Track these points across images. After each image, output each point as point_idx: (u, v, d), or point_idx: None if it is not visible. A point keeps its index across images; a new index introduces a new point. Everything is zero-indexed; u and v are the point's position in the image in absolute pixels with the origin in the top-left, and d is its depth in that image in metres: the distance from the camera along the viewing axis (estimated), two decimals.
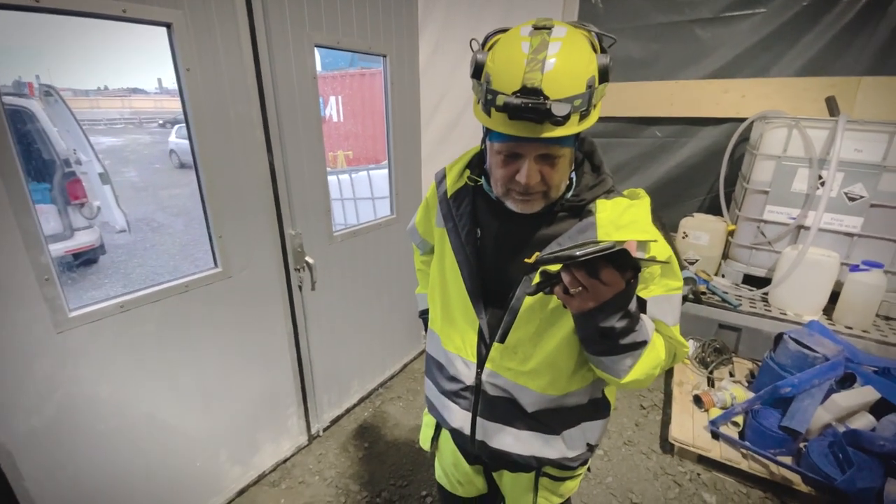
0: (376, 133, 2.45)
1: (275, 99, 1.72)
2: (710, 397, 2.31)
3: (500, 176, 0.81)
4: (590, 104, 0.73)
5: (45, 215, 3.75)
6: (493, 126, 0.76)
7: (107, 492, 1.50)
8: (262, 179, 1.76)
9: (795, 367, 2.08)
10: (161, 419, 1.61)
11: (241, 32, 1.56)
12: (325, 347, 2.22)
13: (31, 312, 1.24)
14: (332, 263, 2.14)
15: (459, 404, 1.02)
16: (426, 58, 2.49)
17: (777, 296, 2.74)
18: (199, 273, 1.65)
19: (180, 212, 6.01)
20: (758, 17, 2.99)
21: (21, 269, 1.20)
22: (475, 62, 0.76)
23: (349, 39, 1.97)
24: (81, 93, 16.64)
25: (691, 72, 3.28)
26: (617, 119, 3.62)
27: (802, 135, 2.61)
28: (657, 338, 0.83)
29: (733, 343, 2.81)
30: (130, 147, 11.55)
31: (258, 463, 2.03)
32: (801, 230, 2.73)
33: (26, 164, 3.73)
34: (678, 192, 3.56)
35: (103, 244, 4.30)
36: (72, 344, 1.33)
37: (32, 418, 1.28)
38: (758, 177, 2.86)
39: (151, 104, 18.19)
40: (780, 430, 1.96)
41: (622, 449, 2.27)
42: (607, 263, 0.65)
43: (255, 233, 1.78)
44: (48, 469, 1.33)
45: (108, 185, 4.06)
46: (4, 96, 3.57)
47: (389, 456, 2.20)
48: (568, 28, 0.73)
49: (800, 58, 2.95)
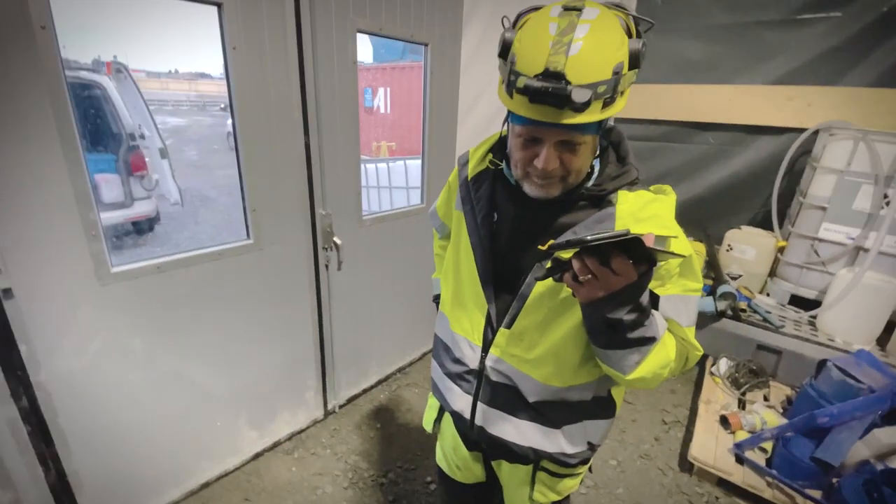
0: (419, 125, 2.47)
1: (314, 81, 1.78)
2: (737, 419, 2.19)
3: (518, 158, 0.81)
4: (615, 91, 0.69)
5: (110, 184, 4.05)
6: (513, 108, 0.75)
7: (132, 439, 1.61)
8: (298, 159, 1.83)
9: (836, 397, 1.93)
10: (187, 376, 1.72)
11: (287, 14, 1.62)
12: (347, 327, 2.28)
13: (79, 264, 1.35)
14: (359, 246, 2.19)
15: (462, 387, 1.02)
16: (471, 49, 2.48)
17: (826, 320, 2.55)
18: (232, 243, 1.74)
19: (232, 190, 6.33)
20: (832, 21, 2.77)
21: (73, 223, 1.31)
22: (503, 41, 0.75)
23: (391, 26, 2.00)
24: (154, 75, 17.85)
25: (753, 76, 3.09)
26: (668, 122, 3.47)
27: (869, 149, 2.41)
28: (668, 337, 0.80)
29: (772, 366, 2.64)
30: (193, 128, 12.28)
31: (275, 430, 2.12)
32: (859, 252, 2.52)
33: (95, 133, 4.02)
34: (729, 204, 3.36)
35: (159, 214, 4.59)
36: (113, 297, 1.45)
37: (72, 362, 1.40)
38: (816, 191, 2.67)
39: (215, 88, 19.21)
40: (812, 462, 1.83)
41: (637, 462, 2.19)
42: (620, 252, 0.62)
43: (287, 209, 1.85)
44: (81, 409, 1.45)
45: (165, 160, 4.32)
46: (80, 71, 3.82)
47: (400, 439, 2.23)
48: (600, 9, 0.70)
49: (876, 67, 2.70)
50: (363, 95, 7.48)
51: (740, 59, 3.11)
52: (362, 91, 7.49)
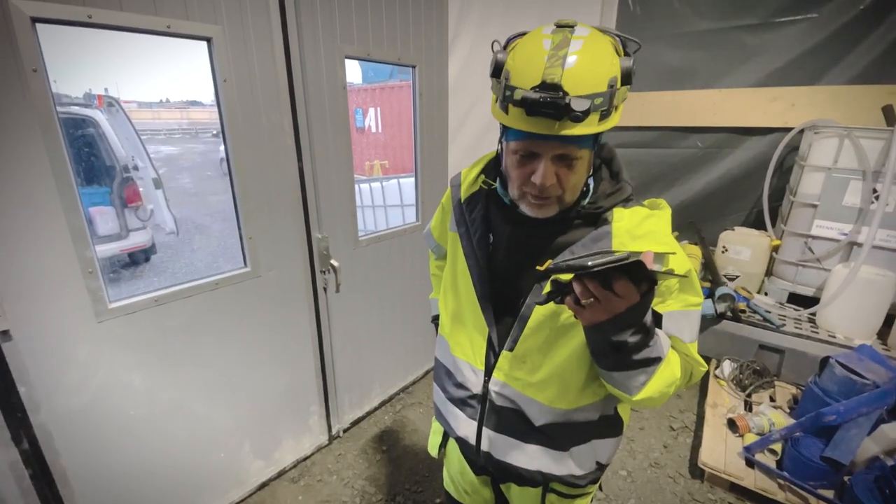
0: (410, 143, 2.49)
1: (306, 108, 1.80)
2: (745, 422, 2.18)
3: (515, 177, 0.80)
4: (611, 104, 0.71)
5: (105, 216, 4.06)
6: (510, 123, 0.75)
7: (135, 474, 1.59)
8: (292, 184, 1.84)
9: (842, 394, 1.92)
10: (188, 409, 1.70)
11: (276, 45, 1.65)
12: (348, 349, 2.27)
13: (76, 302, 1.35)
14: (356, 267, 2.20)
15: (466, 412, 1.00)
16: (458, 68, 2.53)
17: (825, 317, 2.56)
18: (229, 272, 1.73)
19: (227, 216, 6.36)
20: (810, 21, 2.83)
21: (68, 262, 1.31)
22: (495, 61, 0.76)
23: (379, 51, 2.03)
24: (146, 105, 17.99)
25: (736, 79, 3.14)
26: (655, 128, 3.51)
27: (855, 145, 2.45)
28: (672, 355, 0.79)
29: (775, 366, 2.63)
30: (186, 155, 12.34)
31: (279, 458, 2.09)
32: (853, 247, 2.54)
33: (89, 169, 4.04)
34: (720, 206, 3.40)
35: (154, 244, 4.59)
36: (111, 332, 1.44)
37: (72, 400, 1.39)
38: (806, 189, 2.70)
39: (207, 115, 19.39)
40: (822, 461, 1.82)
41: (648, 471, 2.17)
42: (622, 275, 0.62)
43: (283, 235, 1.86)
44: (82, 449, 1.43)
45: (160, 190, 4.34)
46: (72, 107, 3.87)
47: (406, 461, 2.21)
48: (591, 29, 0.72)
49: (855, 65, 2.76)
50: (354, 116, 7.57)
51: (722, 63, 3.17)
52: (353, 112, 7.57)
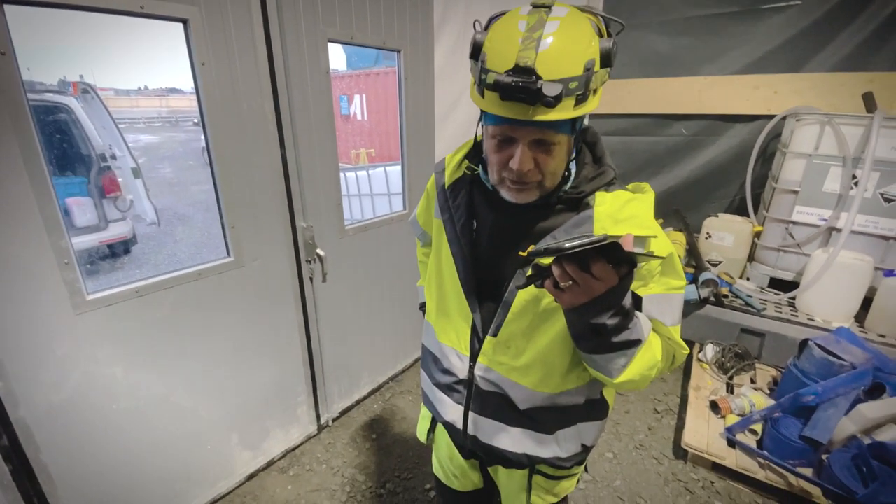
0: (397, 130, 2.46)
1: (287, 93, 1.76)
2: (727, 403, 2.23)
3: (494, 161, 0.79)
4: (587, 88, 0.69)
5: (82, 207, 3.95)
6: (485, 107, 0.74)
7: (120, 469, 1.57)
8: (275, 172, 1.80)
9: (820, 375, 1.98)
10: (174, 402, 1.67)
11: (255, 27, 1.60)
12: (336, 339, 2.26)
13: (52, 294, 1.31)
14: (343, 256, 2.17)
15: (452, 397, 1.01)
16: (446, 53, 2.49)
17: (805, 300, 2.62)
18: (212, 262, 1.70)
19: (209, 206, 6.22)
20: (793, 9, 2.85)
21: (43, 253, 1.27)
22: (473, 42, 0.74)
23: (362, 34, 1.99)
24: (123, 92, 17.47)
25: (721, 67, 3.16)
26: (640, 116, 3.53)
27: (835, 132, 2.48)
28: (654, 338, 0.80)
29: (756, 349, 2.69)
30: (166, 144, 12.05)
31: (268, 449, 2.09)
32: (832, 232, 2.59)
33: (64, 158, 3.91)
34: (706, 192, 3.44)
35: (135, 235, 4.49)
36: (90, 326, 1.40)
37: (52, 395, 1.36)
38: (787, 176, 2.74)
39: (188, 103, 18.90)
40: (801, 440, 1.87)
41: (633, 453, 2.21)
42: (599, 257, 0.62)
43: (267, 224, 1.83)
44: (64, 445, 1.41)
45: (139, 180, 4.23)
46: (45, 94, 3.73)
47: (396, 448, 2.22)
48: (570, 9, 0.70)
49: (837, 52, 2.80)
50: (339, 104, 7.44)
51: (707, 50, 3.18)
52: (338, 99, 7.44)
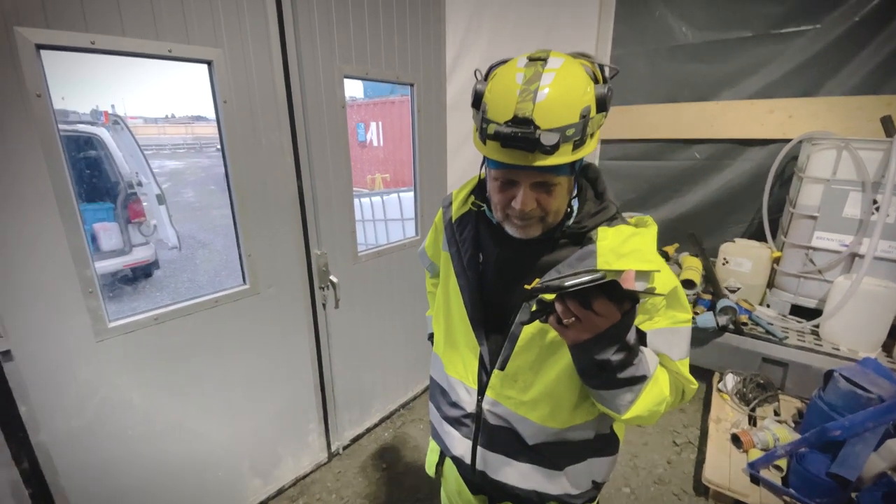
0: (411, 157, 2.51)
1: (305, 127, 1.83)
2: (749, 437, 2.15)
3: (497, 201, 0.82)
4: (584, 133, 0.73)
5: (108, 232, 4.10)
6: (487, 153, 0.78)
7: (135, 494, 1.58)
8: (291, 202, 1.86)
9: (847, 408, 1.90)
10: (187, 427, 1.69)
11: (275, 66, 1.68)
12: (347, 365, 2.27)
13: (76, 322, 1.36)
14: (356, 282, 2.20)
15: (461, 431, 1.01)
16: (462, 85, 2.55)
17: (829, 329, 2.53)
18: (228, 289, 1.74)
19: (229, 231, 6.37)
20: (807, 33, 2.85)
21: (69, 281, 1.33)
22: (475, 92, 0.78)
23: (377, 70, 2.06)
24: (151, 120, 18.26)
25: (734, 91, 3.16)
26: (653, 141, 3.53)
27: (853, 156, 2.45)
28: (661, 373, 0.80)
29: (779, 379, 2.60)
30: (190, 170, 12.45)
31: (278, 476, 2.08)
32: (854, 258, 2.53)
33: (94, 186, 4.08)
34: (722, 217, 3.40)
35: (157, 260, 4.62)
36: (110, 352, 1.44)
37: (72, 420, 1.39)
38: (805, 201, 2.69)
39: (212, 130, 19.55)
40: (828, 478, 1.78)
41: (651, 488, 2.14)
42: (600, 294, 0.63)
43: (282, 252, 1.87)
44: (82, 469, 1.43)
45: (163, 206, 4.38)
46: (78, 124, 3.93)
47: (407, 479, 2.18)
48: (565, 59, 0.74)
49: (853, 76, 2.78)
50: (356, 131, 7.64)
51: (719, 75, 3.19)
52: (355, 126, 7.64)
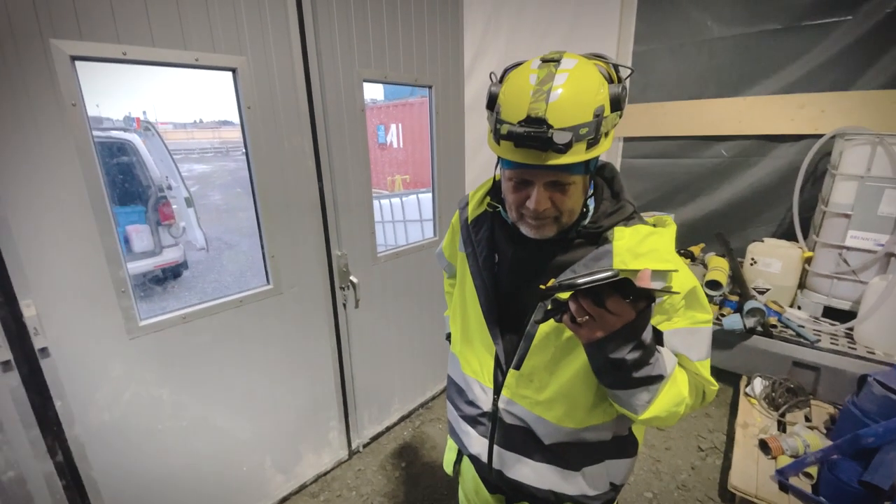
0: (429, 159, 2.53)
1: (325, 131, 1.86)
2: (777, 443, 2.08)
3: (511, 201, 0.83)
4: (598, 132, 0.72)
5: (140, 234, 4.26)
6: (501, 154, 0.78)
7: (161, 487, 1.64)
8: (312, 204, 1.90)
9: (881, 415, 1.82)
10: (213, 423, 1.75)
11: (296, 73, 1.72)
12: (367, 365, 2.30)
13: (109, 320, 1.42)
14: (375, 283, 2.23)
15: (477, 430, 1.02)
16: (481, 86, 2.56)
17: (864, 332, 2.43)
18: (253, 289, 1.80)
19: (253, 233, 6.53)
20: (838, 25, 2.74)
21: (103, 282, 1.39)
22: (489, 94, 0.79)
23: (396, 73, 2.09)
24: (180, 126, 18.86)
25: (762, 86, 3.06)
26: (679, 138, 3.45)
27: (888, 152, 2.35)
28: (679, 373, 0.80)
29: (810, 384, 2.51)
30: (217, 173, 12.79)
31: (300, 473, 2.13)
32: (890, 258, 2.42)
33: (127, 189, 4.24)
34: (750, 216, 3.29)
35: (186, 260, 4.77)
36: (141, 349, 1.51)
37: (104, 415, 1.46)
38: (838, 199, 2.59)
39: (238, 134, 20.01)
40: (860, 486, 1.72)
41: (675, 493, 2.09)
42: (613, 292, 0.63)
43: (304, 253, 1.92)
44: (113, 461, 1.50)
45: (191, 208, 4.53)
46: (111, 131, 4.09)
47: (425, 478, 2.20)
48: (579, 60, 0.74)
49: (888, 69, 2.65)
50: (376, 133, 7.73)
51: (746, 70, 3.09)
52: (375, 128, 7.73)
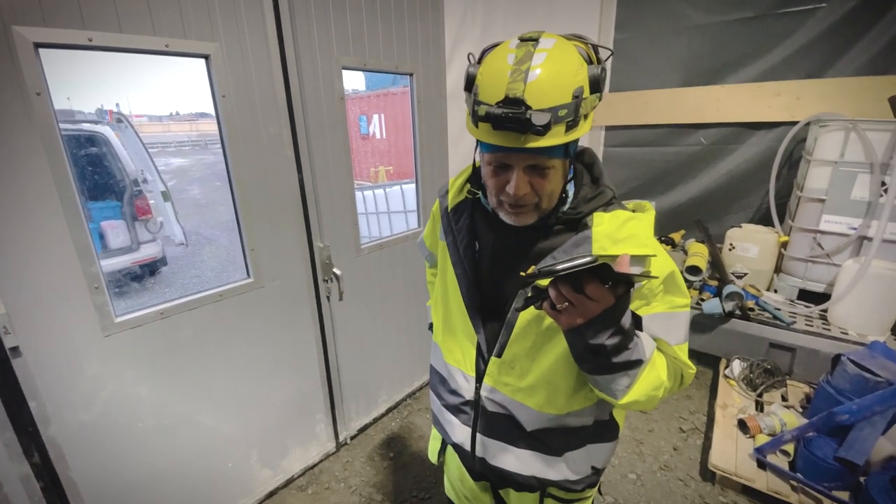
0: (412, 149, 2.51)
1: (304, 120, 1.82)
2: (756, 422, 2.14)
3: (491, 186, 0.81)
4: (577, 114, 0.71)
5: (116, 230, 4.13)
6: (479, 136, 0.76)
7: (144, 485, 1.61)
8: (293, 195, 1.86)
9: (855, 392, 1.88)
10: (195, 420, 1.72)
11: (273, 60, 1.68)
12: (353, 357, 2.29)
13: (83, 317, 1.38)
14: (359, 274, 2.21)
15: (460, 419, 1.01)
16: (461, 74, 2.53)
17: (837, 313, 2.51)
18: (232, 283, 1.76)
19: (233, 227, 6.41)
20: (812, 12, 2.78)
21: (75, 278, 1.34)
22: (467, 75, 0.77)
23: (375, 61, 2.05)
24: (156, 118, 18.32)
25: (740, 75, 3.10)
26: (658, 126, 3.48)
27: (861, 138, 2.40)
28: (658, 357, 0.80)
29: (787, 364, 2.59)
30: (196, 167, 12.49)
31: (287, 467, 2.11)
32: (863, 241, 2.49)
33: (100, 184, 4.10)
34: (728, 202, 3.35)
35: (165, 256, 4.66)
36: (117, 347, 1.46)
37: (81, 414, 1.42)
38: (812, 184, 2.65)
39: (216, 127, 19.58)
40: (836, 462, 1.78)
41: (657, 474, 2.14)
42: (592, 278, 0.63)
43: (285, 245, 1.88)
44: (92, 462, 1.46)
45: (169, 203, 4.41)
46: (82, 123, 3.95)
47: (414, 467, 2.21)
48: (557, 39, 0.73)
49: (861, 56, 2.71)
50: (358, 123, 7.62)
51: (724, 58, 3.12)
52: (356, 119, 7.62)
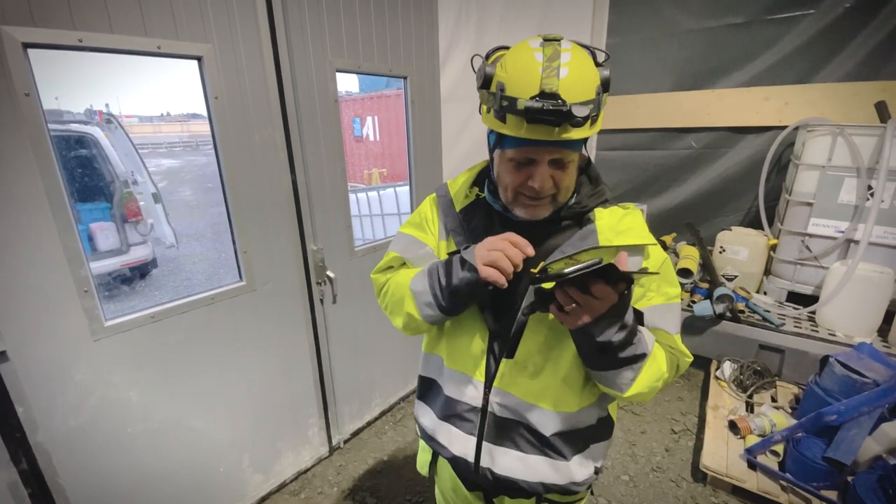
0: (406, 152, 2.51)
1: (298, 122, 1.82)
2: (746, 423, 2.16)
3: (509, 182, 0.83)
4: (599, 110, 0.76)
5: (105, 232, 4.08)
6: (507, 131, 0.77)
7: (134, 491, 1.59)
8: (286, 198, 1.85)
9: (842, 393, 1.92)
10: (187, 424, 1.70)
11: (266, 62, 1.67)
12: (347, 360, 2.28)
13: (72, 321, 1.36)
14: (353, 277, 2.20)
15: (462, 428, 0.98)
16: (454, 77, 2.54)
17: (825, 315, 2.55)
18: (224, 286, 1.74)
19: (225, 228, 6.36)
20: (800, 19, 2.83)
21: (64, 282, 1.32)
22: (484, 74, 0.79)
23: (370, 63, 2.05)
24: (146, 119, 18.14)
25: (729, 79, 3.15)
26: (650, 130, 3.52)
27: (848, 143, 2.45)
28: (658, 350, 0.84)
29: (776, 366, 2.62)
30: (187, 168, 12.37)
31: (280, 471, 2.09)
32: (850, 244, 2.53)
33: (89, 185, 4.04)
34: (718, 205, 3.40)
35: (155, 258, 4.61)
36: (107, 351, 1.44)
37: (70, 420, 1.40)
38: (801, 188, 2.70)
39: (207, 128, 19.41)
40: (824, 462, 1.80)
41: (650, 475, 2.16)
42: (597, 278, 0.67)
43: (278, 248, 1.87)
44: (81, 468, 1.44)
45: (159, 204, 4.37)
46: (71, 124, 3.90)
47: (407, 471, 2.20)
48: (572, 42, 0.77)
49: (848, 62, 2.77)
50: (352, 126, 7.61)
51: (713, 63, 3.17)
52: (350, 121, 7.61)
